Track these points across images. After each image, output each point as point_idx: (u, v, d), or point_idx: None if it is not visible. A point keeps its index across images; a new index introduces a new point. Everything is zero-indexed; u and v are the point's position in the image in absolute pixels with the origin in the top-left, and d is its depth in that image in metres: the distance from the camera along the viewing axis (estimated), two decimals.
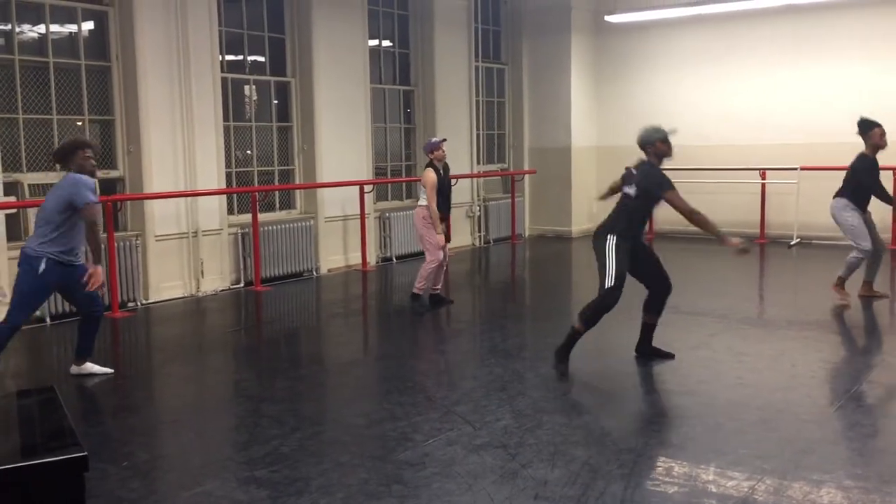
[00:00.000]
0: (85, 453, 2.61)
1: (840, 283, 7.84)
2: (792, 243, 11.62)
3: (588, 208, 13.41)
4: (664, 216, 13.15)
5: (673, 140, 5.79)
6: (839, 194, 7.86)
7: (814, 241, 11.73)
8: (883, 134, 7.62)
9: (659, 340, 6.16)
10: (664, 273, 6.00)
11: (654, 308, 6.01)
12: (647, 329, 6.07)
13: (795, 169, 11.73)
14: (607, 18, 12.98)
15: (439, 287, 8.22)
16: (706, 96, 12.85)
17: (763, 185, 12.34)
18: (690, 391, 5.41)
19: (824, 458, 4.25)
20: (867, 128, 7.63)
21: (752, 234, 12.40)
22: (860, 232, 7.68)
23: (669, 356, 6.04)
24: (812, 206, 11.14)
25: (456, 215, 12.24)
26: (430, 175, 7.87)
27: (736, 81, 12.63)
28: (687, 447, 4.44)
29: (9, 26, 7.73)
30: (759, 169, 12.23)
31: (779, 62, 12.25)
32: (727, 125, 12.65)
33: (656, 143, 5.74)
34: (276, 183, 10.29)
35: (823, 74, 11.94)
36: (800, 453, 4.30)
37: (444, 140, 8.12)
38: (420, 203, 8.04)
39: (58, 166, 6.36)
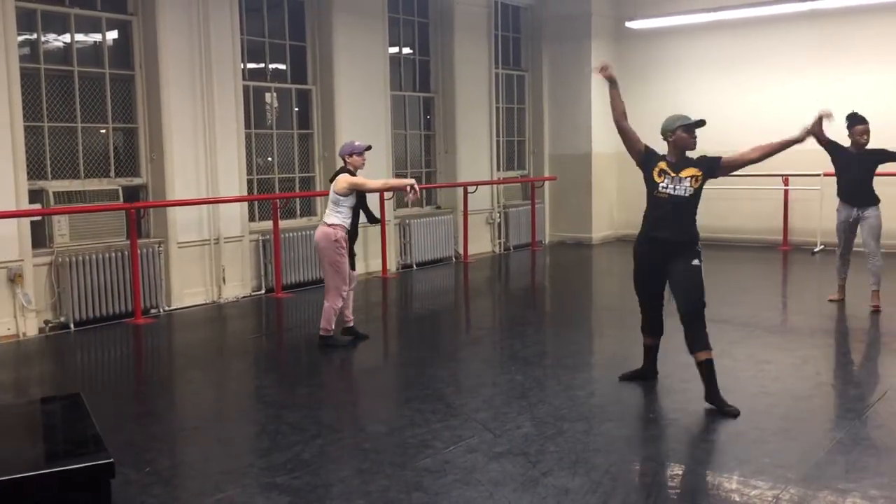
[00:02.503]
0: (111, 460, 2.64)
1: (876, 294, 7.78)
2: (815, 250, 11.50)
3: (609, 215, 13.36)
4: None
5: (698, 131, 5.34)
6: (875, 202, 7.83)
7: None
8: (864, 133, 7.72)
9: (681, 349, 6.11)
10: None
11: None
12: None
13: (818, 175, 11.61)
14: (628, 25, 12.94)
15: (350, 318, 7.17)
16: (727, 102, 12.76)
17: (786, 192, 12.23)
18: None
19: (849, 468, 4.20)
20: (855, 122, 7.74)
21: (775, 242, 12.31)
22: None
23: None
24: (831, 212, 10.99)
25: (476, 222, 12.27)
26: (349, 178, 6.59)
27: (757, 87, 12.54)
28: (709, 456, 4.40)
29: (34, 36, 7.83)
30: (782, 175, 12.13)
31: (801, 67, 12.15)
32: (749, 131, 12.47)
33: (676, 131, 5.30)
34: (297, 190, 10.34)
35: (846, 79, 11.81)
36: (824, 463, 4.25)
37: (369, 148, 6.96)
38: (329, 221, 6.65)
39: None
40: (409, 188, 6.52)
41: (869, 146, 7.81)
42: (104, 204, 8.11)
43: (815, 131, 5.32)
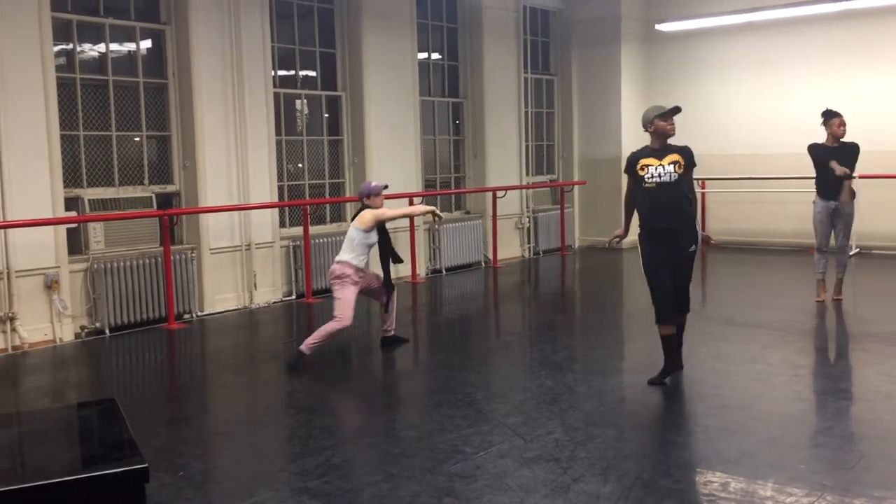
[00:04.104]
0: (146, 465, 2.67)
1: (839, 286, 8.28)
2: (851, 253, 11.33)
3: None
4: (721, 227, 12.96)
5: (676, 117, 5.64)
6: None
7: (874, 252, 11.43)
8: (841, 124, 8.10)
9: (713, 353, 6.07)
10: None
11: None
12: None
13: (854, 178, 11.43)
14: (658, 27, 12.86)
15: (389, 330, 7.10)
16: (760, 104, 12.63)
17: None
18: (745, 405, 5.30)
19: (886, 475, 4.13)
20: (831, 116, 8.12)
21: (809, 244, 12.14)
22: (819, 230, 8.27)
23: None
24: (872, 216, 10.84)
25: (505, 226, 12.26)
26: (373, 211, 6.58)
27: (790, 88, 12.39)
28: (743, 462, 4.35)
29: (70, 46, 7.97)
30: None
31: (834, 68, 11.99)
32: (782, 133, 12.41)
33: (654, 121, 5.60)
34: (327, 196, 10.41)
35: (880, 80, 11.65)
36: (861, 469, 4.19)
37: (386, 187, 6.84)
38: (340, 258, 6.58)
39: None
40: (434, 217, 6.78)
41: (846, 139, 8.20)
42: (138, 211, 8.23)
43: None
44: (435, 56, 11.85)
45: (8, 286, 7.22)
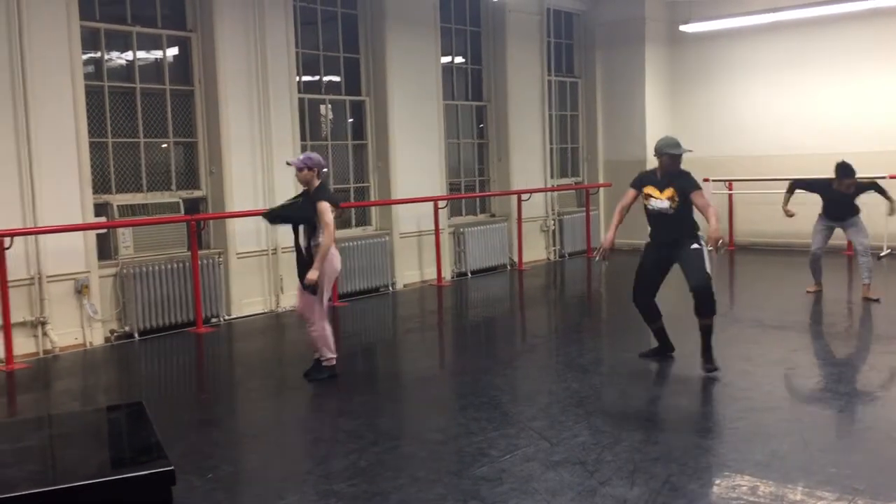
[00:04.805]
0: (172, 467, 2.70)
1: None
2: (882, 255, 11.16)
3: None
4: (748, 228, 12.83)
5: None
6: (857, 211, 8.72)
7: None
8: (850, 185, 8.48)
9: (742, 355, 6.01)
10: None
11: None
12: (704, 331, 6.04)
13: (883, 178, 11.28)
14: (682, 28, 12.78)
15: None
16: (787, 105, 12.50)
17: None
18: (775, 407, 5.25)
19: None
20: (845, 175, 8.41)
21: (838, 247, 12.00)
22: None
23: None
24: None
25: (530, 229, 12.23)
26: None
27: (818, 89, 12.26)
28: (773, 465, 4.30)
29: (98, 54, 8.08)
30: None
31: (862, 68, 11.84)
32: (810, 134, 12.29)
33: (664, 156, 6.09)
34: (352, 200, 10.45)
35: None
36: (893, 473, 4.12)
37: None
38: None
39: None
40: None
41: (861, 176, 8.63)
42: (166, 216, 8.31)
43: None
44: (458, 60, 11.87)
45: (39, 291, 7.33)
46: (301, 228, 6.19)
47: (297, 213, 6.22)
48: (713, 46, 13.14)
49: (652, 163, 6.54)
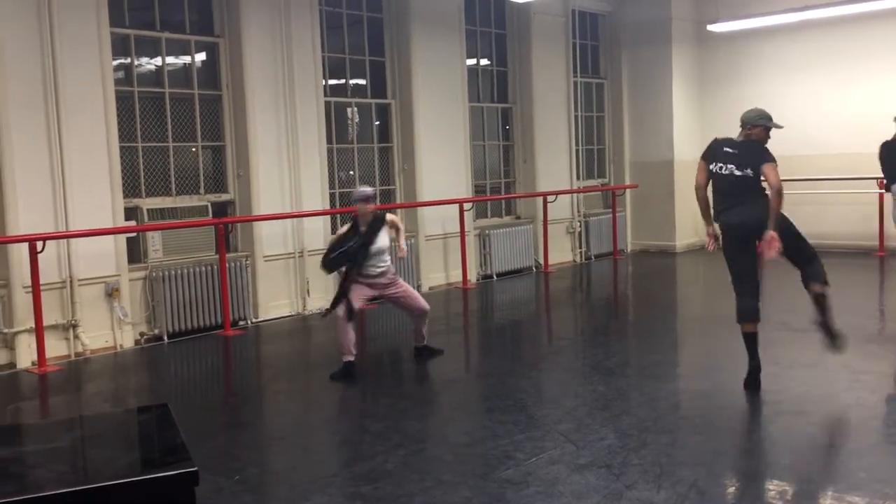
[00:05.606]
0: (195, 468, 2.72)
1: None
2: None
3: (693, 222, 13.06)
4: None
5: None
6: None
7: None
8: None
9: (772, 358, 5.95)
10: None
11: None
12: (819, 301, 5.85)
13: None
14: (710, 28, 12.68)
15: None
16: (817, 104, 12.35)
17: (881, 195, 11.73)
18: (804, 411, 5.19)
19: None
20: None
21: (870, 248, 11.84)
22: None
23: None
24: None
25: (556, 231, 12.20)
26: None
27: (848, 87, 12.10)
28: (801, 470, 4.26)
29: (128, 60, 8.19)
30: (877, 178, 11.65)
31: (890, 66, 11.67)
32: (840, 133, 12.13)
33: (757, 127, 6.03)
34: (378, 203, 10.45)
35: None
36: None
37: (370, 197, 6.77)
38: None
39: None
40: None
41: None
42: (194, 220, 8.41)
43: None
44: (484, 62, 11.87)
45: (71, 294, 7.44)
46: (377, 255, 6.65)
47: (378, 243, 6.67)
48: (741, 46, 13.02)
49: (683, 165, 6.49)
